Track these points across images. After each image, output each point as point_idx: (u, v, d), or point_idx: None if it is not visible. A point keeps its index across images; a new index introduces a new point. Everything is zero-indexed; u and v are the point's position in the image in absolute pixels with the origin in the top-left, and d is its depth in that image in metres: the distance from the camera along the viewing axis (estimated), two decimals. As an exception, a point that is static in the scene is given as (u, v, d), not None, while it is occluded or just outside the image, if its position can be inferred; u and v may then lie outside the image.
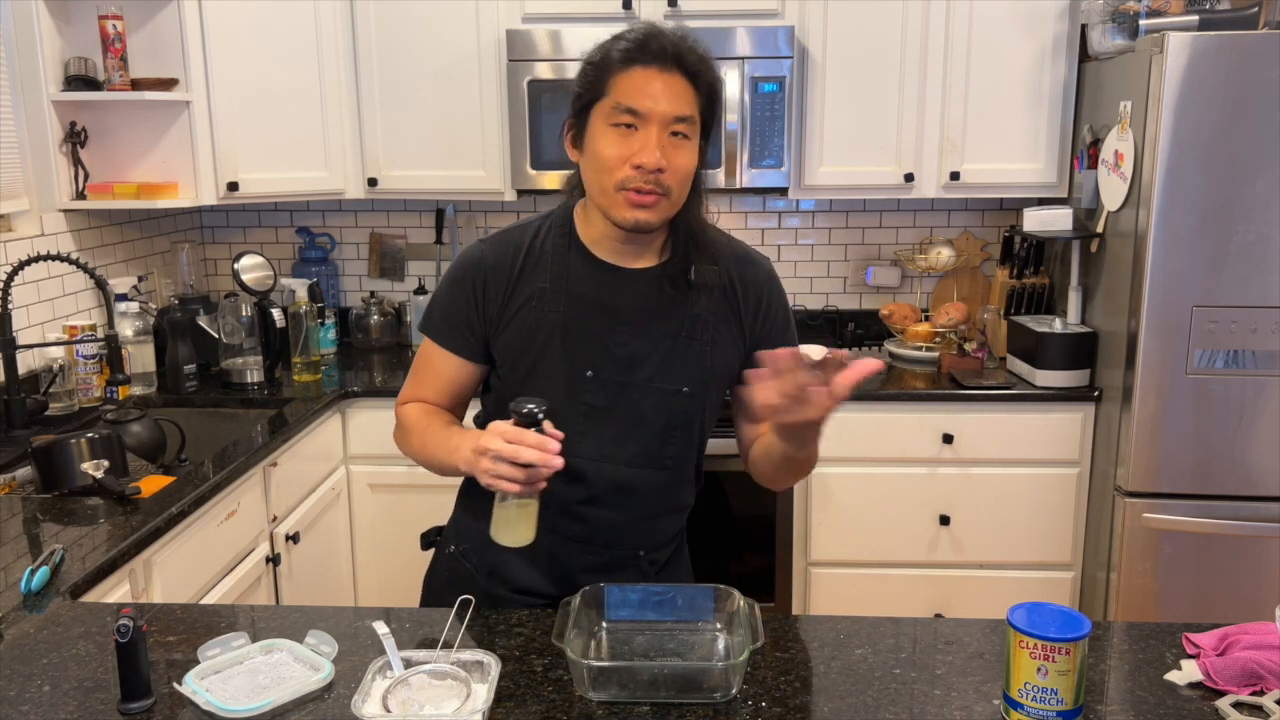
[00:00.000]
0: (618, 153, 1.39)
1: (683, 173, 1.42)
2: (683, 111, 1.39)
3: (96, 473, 1.99)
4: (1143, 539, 2.73)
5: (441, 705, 1.18)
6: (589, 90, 1.42)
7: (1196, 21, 2.63)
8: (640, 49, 1.38)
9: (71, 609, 1.49)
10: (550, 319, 1.49)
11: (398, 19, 3.08)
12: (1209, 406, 2.66)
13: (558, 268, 1.50)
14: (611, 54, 1.40)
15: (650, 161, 1.37)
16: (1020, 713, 1.15)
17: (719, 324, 1.52)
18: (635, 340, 1.49)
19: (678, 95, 1.38)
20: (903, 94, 3.06)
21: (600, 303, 1.49)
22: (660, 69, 1.38)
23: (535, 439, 1.28)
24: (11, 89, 2.65)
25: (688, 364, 1.51)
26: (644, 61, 1.38)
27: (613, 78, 1.39)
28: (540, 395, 1.37)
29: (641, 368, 1.50)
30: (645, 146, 1.38)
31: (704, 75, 1.41)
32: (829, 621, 1.44)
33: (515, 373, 1.52)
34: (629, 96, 1.38)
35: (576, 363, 1.49)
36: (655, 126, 1.38)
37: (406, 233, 3.60)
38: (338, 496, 2.92)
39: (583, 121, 1.44)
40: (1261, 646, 1.25)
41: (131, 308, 2.92)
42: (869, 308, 3.53)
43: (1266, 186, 2.54)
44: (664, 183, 1.39)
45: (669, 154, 1.39)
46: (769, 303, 1.57)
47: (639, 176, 1.38)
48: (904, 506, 2.97)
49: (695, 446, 1.59)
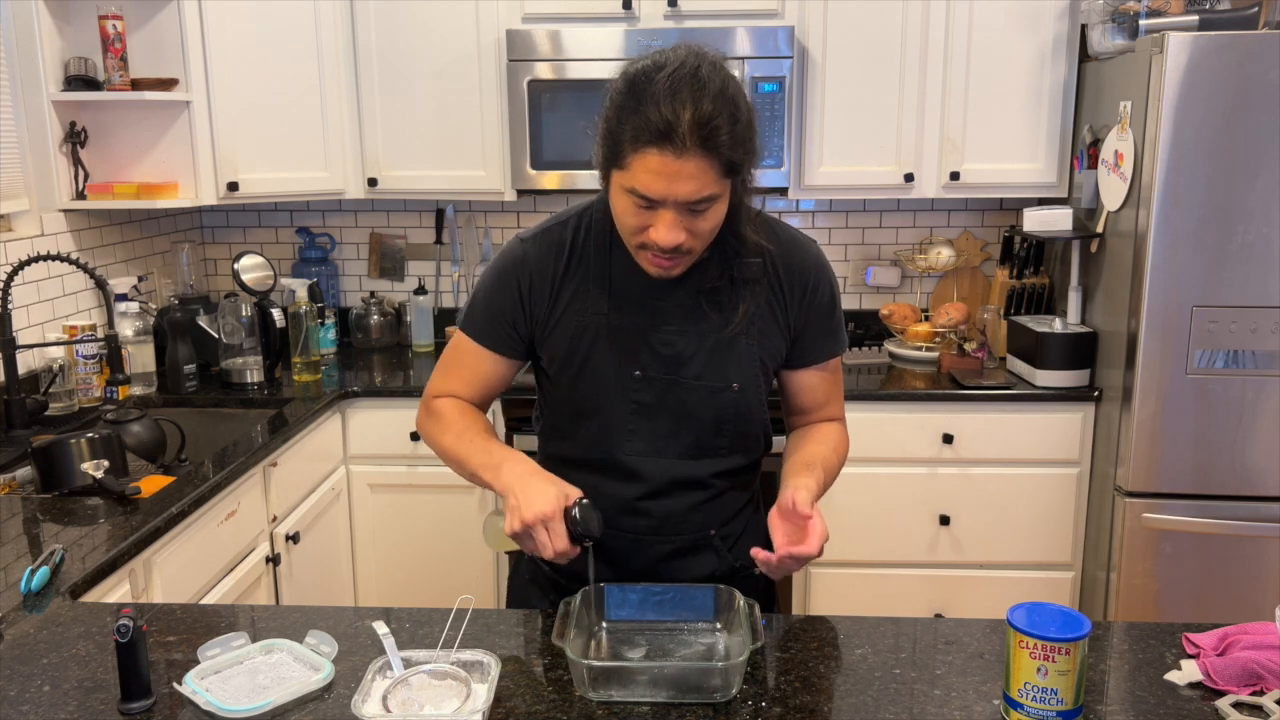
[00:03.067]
0: (635, 222, 1.35)
1: (706, 234, 1.36)
2: (701, 194, 1.30)
3: (96, 473, 1.99)
4: (1143, 539, 2.73)
5: (441, 705, 1.18)
6: (608, 154, 1.33)
7: (1196, 21, 2.63)
8: (652, 130, 1.25)
9: (71, 609, 1.49)
10: (595, 320, 1.48)
11: (398, 19, 3.08)
12: (1209, 406, 2.66)
13: (599, 268, 1.49)
14: (625, 129, 1.28)
15: (666, 243, 1.33)
16: (1020, 713, 1.15)
17: (765, 317, 1.51)
18: (680, 340, 1.48)
19: (695, 180, 1.28)
20: (903, 94, 3.06)
21: (644, 302, 1.48)
22: (676, 154, 1.26)
23: (561, 548, 1.31)
24: (11, 89, 2.65)
25: (735, 361, 1.49)
26: (658, 144, 1.26)
27: (627, 154, 1.29)
28: (590, 395, 1.42)
29: (688, 366, 1.48)
30: (660, 226, 1.32)
31: (728, 152, 1.28)
32: (829, 621, 1.44)
33: (565, 374, 1.51)
34: (642, 184, 1.29)
35: (624, 362, 1.48)
36: (670, 209, 1.31)
37: (406, 233, 3.59)
38: (338, 496, 2.92)
39: (606, 173, 1.37)
40: (1261, 646, 1.25)
41: (131, 308, 2.92)
42: (869, 308, 3.53)
43: (1266, 186, 2.54)
44: (684, 247, 1.36)
45: (689, 224, 1.33)
46: (814, 288, 1.53)
47: (656, 248, 1.35)
48: (904, 506, 2.96)
49: (753, 430, 1.56)
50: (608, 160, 1.35)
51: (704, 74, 1.27)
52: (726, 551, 1.58)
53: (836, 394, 1.63)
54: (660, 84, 1.27)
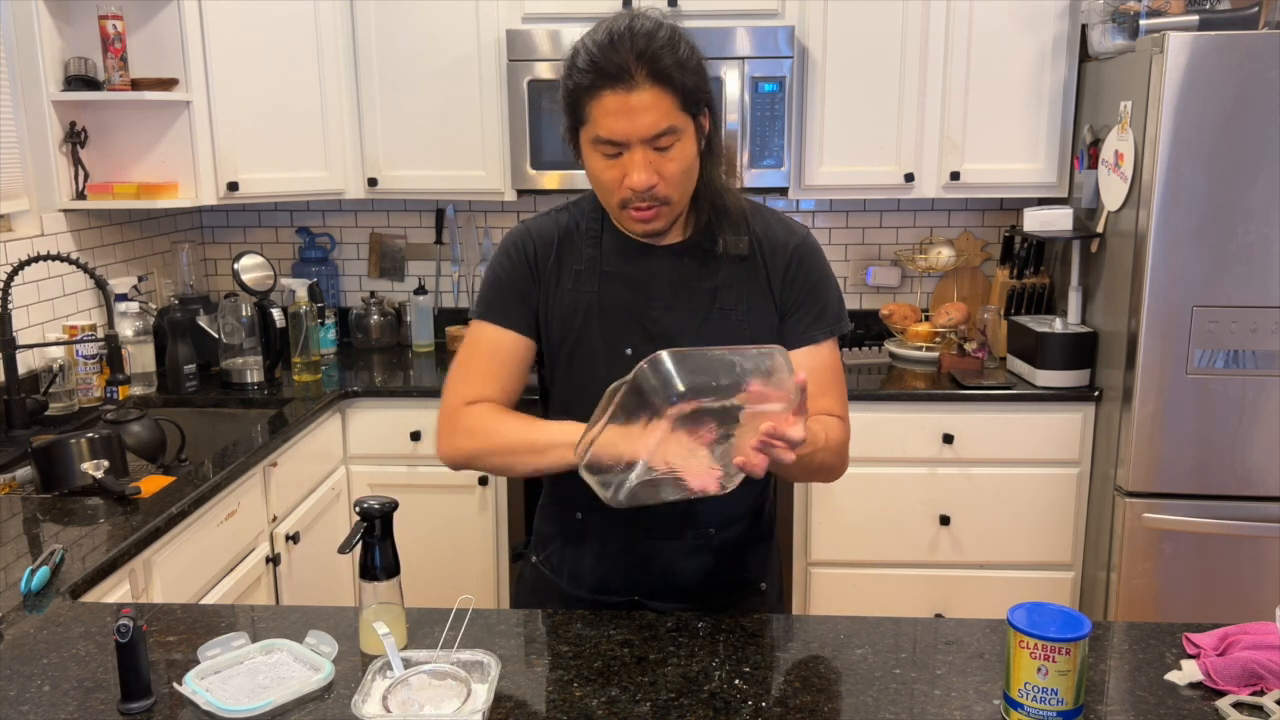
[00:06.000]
0: (610, 176, 1.41)
1: (678, 176, 1.41)
2: (660, 126, 1.36)
3: (96, 473, 1.99)
4: (1143, 539, 2.73)
5: (441, 705, 1.18)
6: (572, 116, 1.42)
7: (1196, 21, 2.63)
8: (601, 73, 1.35)
9: (71, 609, 1.49)
10: (586, 300, 1.51)
11: (398, 19, 3.08)
12: (1209, 406, 2.66)
13: (591, 250, 1.52)
14: (580, 82, 1.37)
15: (639, 184, 1.38)
16: (1020, 713, 1.15)
17: (751, 292, 1.52)
18: (669, 316, 1.50)
19: (651, 112, 1.35)
20: (903, 94, 3.06)
21: (632, 281, 1.51)
22: (628, 89, 1.34)
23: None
24: (11, 89, 2.65)
25: (724, 335, 1.49)
26: (609, 85, 1.35)
27: (586, 106, 1.38)
28: (583, 377, 1.44)
29: (678, 343, 1.47)
30: (632, 169, 1.38)
31: (677, 77, 1.37)
32: (829, 621, 1.44)
33: (557, 358, 1.53)
34: (604, 127, 1.37)
35: (615, 342, 1.49)
36: (637, 149, 1.38)
37: (406, 233, 3.59)
38: (338, 497, 2.92)
39: (576, 140, 1.45)
40: (1261, 646, 1.25)
41: (131, 308, 2.92)
42: (869, 308, 3.53)
43: (1266, 186, 2.54)
44: (660, 194, 1.40)
45: (659, 166, 1.39)
46: (799, 263, 1.53)
47: (634, 196, 1.40)
48: (904, 506, 2.96)
49: None
50: (573, 122, 1.42)
51: (638, 22, 1.38)
52: (731, 558, 1.57)
53: (835, 389, 1.55)
54: (600, 36, 1.38)
